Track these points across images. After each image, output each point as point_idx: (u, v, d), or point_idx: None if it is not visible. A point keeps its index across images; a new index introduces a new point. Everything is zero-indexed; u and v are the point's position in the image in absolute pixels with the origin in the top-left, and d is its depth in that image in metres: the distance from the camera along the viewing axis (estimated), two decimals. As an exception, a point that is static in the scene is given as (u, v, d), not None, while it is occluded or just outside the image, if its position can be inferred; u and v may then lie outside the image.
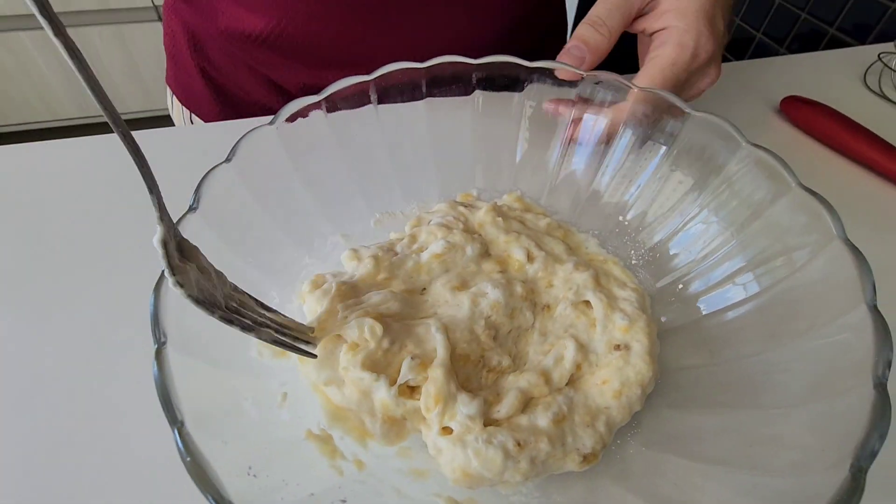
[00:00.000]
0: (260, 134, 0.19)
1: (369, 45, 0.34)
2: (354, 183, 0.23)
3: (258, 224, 0.19)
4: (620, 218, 0.23)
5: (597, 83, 0.21)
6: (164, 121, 0.40)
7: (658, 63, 0.23)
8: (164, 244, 0.12)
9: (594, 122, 0.22)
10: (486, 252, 0.21)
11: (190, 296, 0.12)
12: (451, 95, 0.23)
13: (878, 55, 0.38)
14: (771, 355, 0.16)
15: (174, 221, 0.13)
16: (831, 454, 0.11)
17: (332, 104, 0.21)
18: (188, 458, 0.11)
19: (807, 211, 0.16)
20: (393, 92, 0.22)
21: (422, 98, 0.22)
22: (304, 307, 0.19)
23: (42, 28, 0.11)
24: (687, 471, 0.15)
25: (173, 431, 0.11)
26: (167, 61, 0.41)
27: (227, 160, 0.18)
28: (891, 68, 0.37)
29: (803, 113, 0.33)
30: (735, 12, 0.78)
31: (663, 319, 0.20)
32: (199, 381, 0.13)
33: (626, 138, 0.22)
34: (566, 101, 0.23)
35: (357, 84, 0.21)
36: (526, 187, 0.25)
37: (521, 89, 0.23)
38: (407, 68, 0.21)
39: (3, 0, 1.24)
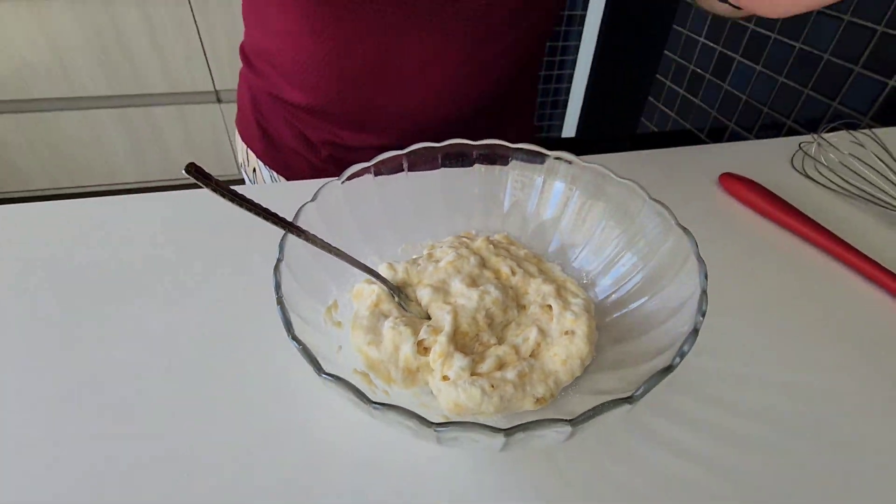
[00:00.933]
0: (332, 186, 0.29)
1: (378, 108, 0.47)
2: (388, 222, 0.32)
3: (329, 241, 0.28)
4: (574, 252, 0.32)
5: (556, 159, 0.32)
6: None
7: None
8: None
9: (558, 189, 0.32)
10: (483, 264, 0.30)
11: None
12: (458, 166, 0.33)
13: (800, 144, 0.48)
14: (648, 312, 0.24)
15: (290, 223, 0.23)
16: (671, 352, 0.19)
17: (378, 169, 0.31)
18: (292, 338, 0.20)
19: (681, 243, 0.25)
20: (419, 161, 0.32)
21: (438, 167, 0.33)
22: (354, 302, 0.28)
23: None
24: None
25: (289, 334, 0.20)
26: (237, 108, 0.59)
27: (313, 199, 0.28)
28: (809, 155, 0.47)
29: (733, 185, 0.43)
30: (712, 103, 0.91)
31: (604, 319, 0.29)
32: (296, 326, 0.22)
33: (575, 198, 0.32)
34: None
35: (395, 157, 0.31)
36: (511, 230, 0.34)
37: (507, 163, 0.33)
38: (429, 147, 0.32)
39: (91, 82, 1.46)
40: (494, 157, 0.33)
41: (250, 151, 0.57)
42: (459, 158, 0.33)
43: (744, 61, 0.81)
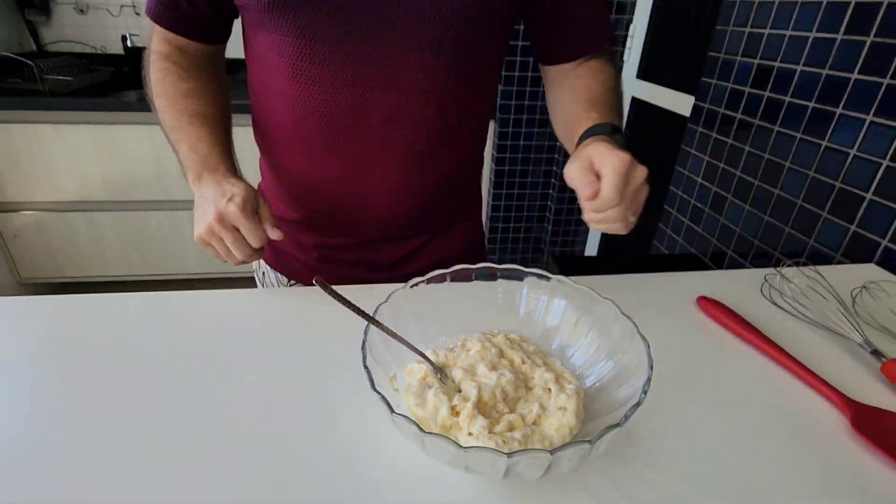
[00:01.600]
0: (401, 291, 0.42)
1: (348, 218, 0.61)
2: (434, 319, 0.45)
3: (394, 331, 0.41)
4: (571, 350, 0.43)
5: (558, 280, 0.44)
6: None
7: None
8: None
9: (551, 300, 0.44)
10: (501, 355, 0.41)
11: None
12: (486, 280, 0.46)
13: (765, 276, 0.59)
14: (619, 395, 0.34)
15: (371, 320, 0.35)
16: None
17: (430, 281, 0.44)
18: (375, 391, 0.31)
19: (641, 347, 0.36)
20: (459, 276, 0.45)
21: (471, 280, 0.46)
22: (407, 377, 0.39)
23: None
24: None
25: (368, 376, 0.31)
26: None
27: (385, 301, 0.41)
28: (772, 286, 0.58)
29: (707, 306, 0.54)
30: (712, 233, 1.03)
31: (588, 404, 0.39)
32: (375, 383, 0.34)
33: (571, 312, 0.43)
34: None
35: (442, 274, 0.44)
36: (524, 331, 0.46)
37: (522, 280, 0.46)
38: (466, 268, 0.45)
39: (180, 189, 1.73)
40: (513, 276, 0.46)
41: (261, 259, 0.73)
42: (488, 276, 0.46)
43: (735, 201, 0.95)
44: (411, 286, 0.43)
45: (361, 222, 0.62)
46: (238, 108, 0.62)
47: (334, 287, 0.40)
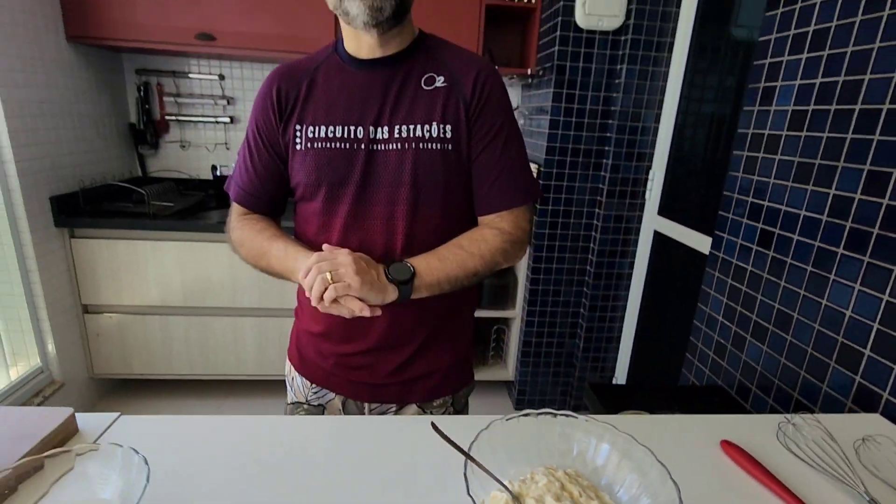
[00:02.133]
0: (485, 432, 0.55)
1: (358, 333, 0.80)
2: (506, 453, 0.57)
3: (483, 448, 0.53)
4: (616, 487, 0.54)
5: (603, 426, 0.57)
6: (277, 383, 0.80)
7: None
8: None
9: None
10: (563, 488, 0.53)
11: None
12: (552, 416, 0.59)
13: (779, 424, 0.70)
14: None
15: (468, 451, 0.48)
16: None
17: (508, 419, 0.57)
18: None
19: (666, 479, 0.48)
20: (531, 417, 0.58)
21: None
22: (491, 502, 0.51)
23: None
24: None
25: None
26: (290, 340, 0.94)
27: (486, 428, 0.54)
28: (785, 434, 0.68)
29: (730, 450, 0.64)
30: (736, 368, 1.13)
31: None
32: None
33: (615, 456, 0.56)
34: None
35: (528, 413, 0.58)
36: (578, 467, 0.57)
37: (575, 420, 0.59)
38: (547, 412, 0.58)
39: (247, 296, 1.94)
40: (586, 434, 0.59)
41: (292, 367, 0.91)
42: (553, 415, 0.59)
43: (753, 341, 1.07)
44: (491, 426, 0.56)
45: (368, 333, 0.81)
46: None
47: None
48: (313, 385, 0.88)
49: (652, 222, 1.85)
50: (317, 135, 0.75)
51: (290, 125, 0.77)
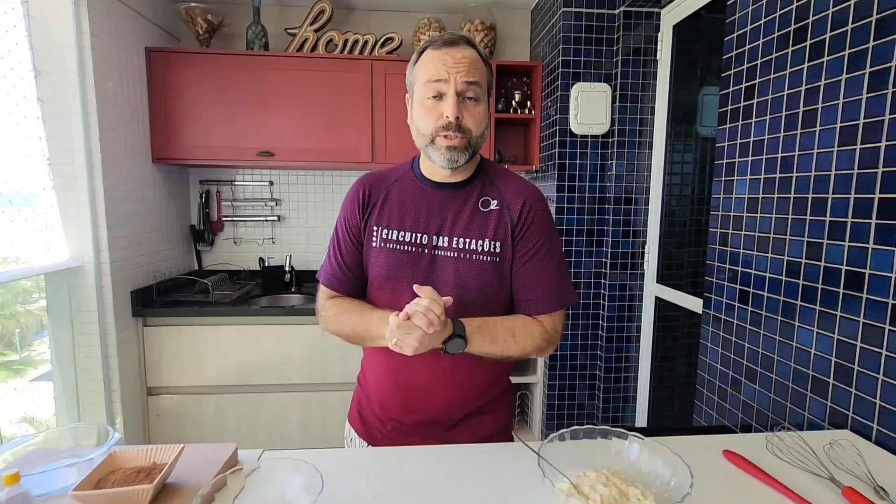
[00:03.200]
0: (552, 444, 0.78)
1: (413, 408, 0.95)
2: (565, 457, 0.78)
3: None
4: (648, 479, 0.76)
5: (648, 439, 0.79)
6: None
7: None
8: None
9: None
10: (608, 479, 0.74)
11: None
12: (605, 438, 0.81)
13: (766, 437, 0.91)
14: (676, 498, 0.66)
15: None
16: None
17: (563, 437, 0.79)
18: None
19: (681, 464, 0.69)
20: (583, 433, 0.80)
21: (595, 436, 0.81)
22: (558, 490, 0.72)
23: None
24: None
25: None
26: (350, 405, 1.09)
27: (548, 440, 0.76)
28: (772, 444, 0.89)
29: (731, 456, 0.85)
30: (737, 408, 1.33)
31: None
32: None
33: (638, 450, 0.77)
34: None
35: (576, 429, 0.80)
36: (616, 464, 0.78)
37: (625, 439, 0.81)
38: (590, 427, 0.80)
39: (294, 373, 2.14)
40: (609, 433, 0.81)
41: (352, 429, 1.05)
42: (605, 435, 0.81)
43: (747, 383, 1.29)
44: (558, 438, 0.78)
45: (422, 407, 0.95)
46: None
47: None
48: (369, 445, 1.01)
49: (652, 289, 2.11)
50: (389, 237, 0.92)
51: (370, 224, 0.94)
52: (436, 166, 0.91)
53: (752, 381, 1.26)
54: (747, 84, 1.29)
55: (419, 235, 0.92)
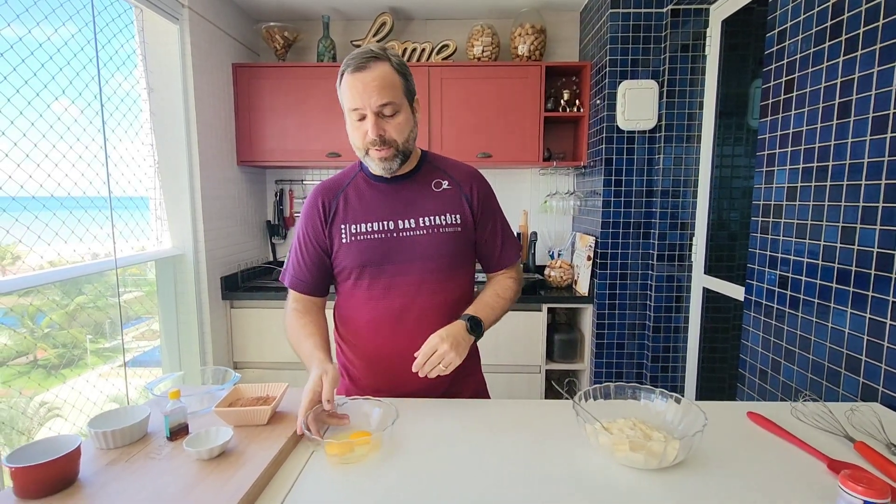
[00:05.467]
0: (592, 388, 0.91)
1: (400, 369, 1.03)
2: (599, 408, 0.92)
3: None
4: (673, 427, 0.87)
5: (675, 396, 0.91)
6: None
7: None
8: None
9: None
10: (634, 426, 0.87)
11: None
12: (635, 399, 0.93)
13: (791, 405, 0.99)
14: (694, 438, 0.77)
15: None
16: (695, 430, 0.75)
17: (596, 393, 0.93)
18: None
19: (699, 412, 0.81)
20: (616, 390, 0.93)
21: (627, 399, 0.93)
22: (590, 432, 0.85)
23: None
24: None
25: None
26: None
27: (580, 402, 0.89)
28: (796, 409, 0.97)
29: (753, 417, 0.94)
30: (776, 392, 1.39)
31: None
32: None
33: (665, 404, 0.89)
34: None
35: (606, 385, 0.93)
36: (644, 413, 0.90)
37: (640, 394, 0.93)
38: (620, 384, 0.93)
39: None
40: (639, 390, 0.93)
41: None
42: (634, 393, 0.93)
43: (786, 363, 1.34)
44: (592, 394, 0.92)
45: (400, 375, 1.03)
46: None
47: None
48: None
49: (700, 280, 2.15)
50: (358, 230, 1.04)
51: (335, 226, 1.06)
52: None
53: (791, 362, 1.32)
54: (787, 78, 1.35)
55: (385, 223, 1.05)
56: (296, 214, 2.84)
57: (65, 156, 1.63)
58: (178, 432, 0.83)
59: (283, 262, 2.82)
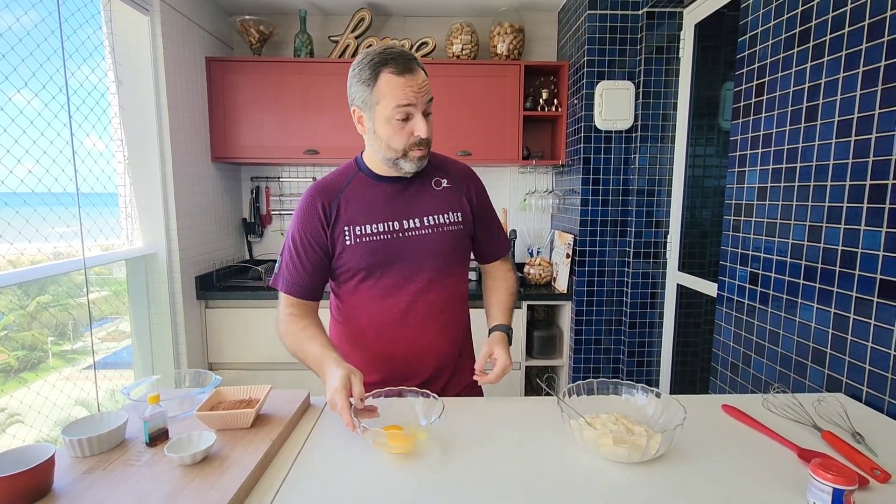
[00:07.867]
0: (575, 385, 0.93)
1: (391, 364, 1.09)
2: (583, 403, 0.93)
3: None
4: (653, 420, 0.90)
5: (656, 391, 0.93)
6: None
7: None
8: None
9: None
10: (617, 420, 0.89)
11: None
12: (608, 392, 0.96)
13: (763, 397, 1.03)
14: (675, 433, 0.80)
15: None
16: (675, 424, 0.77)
17: (580, 389, 0.94)
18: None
19: (679, 407, 0.84)
20: (602, 387, 0.95)
21: (608, 390, 0.95)
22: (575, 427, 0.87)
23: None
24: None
25: None
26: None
27: (565, 398, 0.91)
28: (767, 401, 1.01)
29: (728, 409, 0.98)
30: (746, 385, 1.45)
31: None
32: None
33: (646, 399, 0.92)
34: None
35: (595, 381, 0.95)
36: (626, 408, 0.93)
37: (621, 388, 0.95)
38: (604, 380, 0.95)
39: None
40: (622, 385, 0.95)
41: None
42: (616, 389, 0.96)
43: (756, 357, 1.40)
44: (576, 391, 0.93)
45: (404, 370, 1.08)
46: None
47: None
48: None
49: (674, 277, 2.21)
50: (363, 231, 1.03)
51: (338, 228, 1.03)
52: (388, 169, 1.05)
53: (761, 356, 1.37)
54: (758, 82, 1.40)
55: (390, 223, 1.04)
56: (273, 212, 2.79)
57: (28, 151, 1.56)
58: (158, 438, 0.81)
59: (259, 260, 2.77)
